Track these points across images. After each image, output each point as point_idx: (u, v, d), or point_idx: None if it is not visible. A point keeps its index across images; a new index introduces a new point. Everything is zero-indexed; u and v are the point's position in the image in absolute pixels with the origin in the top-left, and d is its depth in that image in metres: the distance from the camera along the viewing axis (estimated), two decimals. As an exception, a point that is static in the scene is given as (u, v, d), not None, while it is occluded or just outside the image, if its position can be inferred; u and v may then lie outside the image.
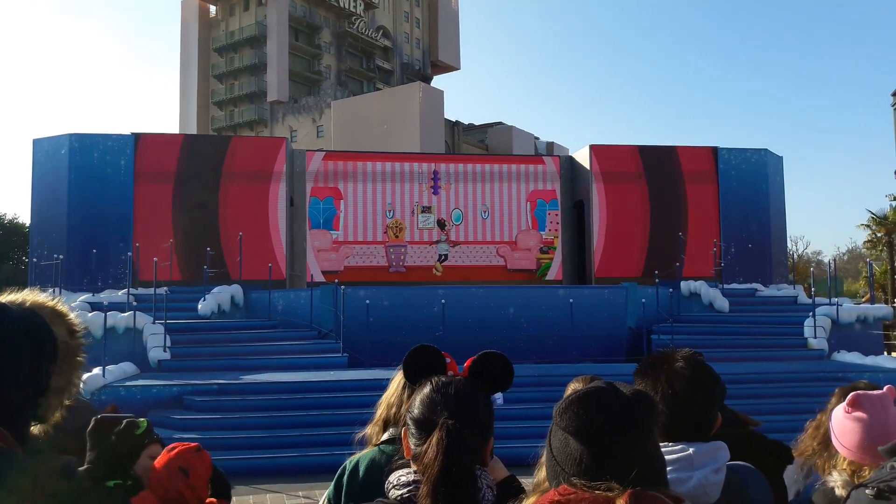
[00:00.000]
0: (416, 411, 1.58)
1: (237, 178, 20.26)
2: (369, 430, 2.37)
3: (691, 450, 1.78)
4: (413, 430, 1.57)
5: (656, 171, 21.83)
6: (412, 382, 1.70)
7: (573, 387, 2.51)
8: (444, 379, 1.61)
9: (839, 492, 2.07)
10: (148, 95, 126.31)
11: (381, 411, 2.37)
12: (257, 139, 28.08)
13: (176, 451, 2.84)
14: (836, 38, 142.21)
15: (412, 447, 1.56)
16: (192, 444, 2.91)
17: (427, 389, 1.60)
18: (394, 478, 1.53)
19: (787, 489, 2.37)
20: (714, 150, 22.25)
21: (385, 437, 2.29)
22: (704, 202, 21.87)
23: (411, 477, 1.49)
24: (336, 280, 18.15)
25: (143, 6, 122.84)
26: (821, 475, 2.28)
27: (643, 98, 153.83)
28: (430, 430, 1.50)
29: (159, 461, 2.81)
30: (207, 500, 2.89)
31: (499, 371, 1.67)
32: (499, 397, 1.67)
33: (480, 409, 1.59)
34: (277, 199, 20.40)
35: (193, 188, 19.94)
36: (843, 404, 2.17)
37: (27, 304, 1.59)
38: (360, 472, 2.22)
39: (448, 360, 1.68)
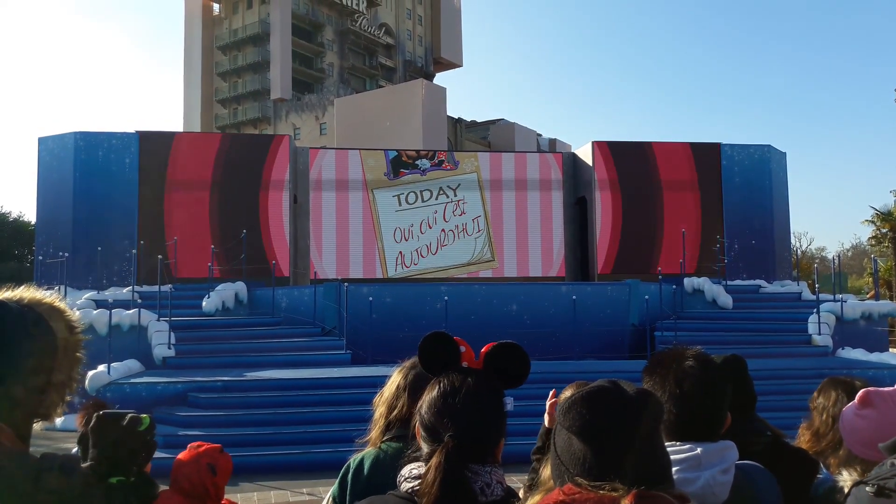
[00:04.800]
0: (425, 414, 1.56)
1: (239, 174, 20.27)
2: (375, 435, 2.36)
3: (699, 449, 1.76)
4: (423, 433, 1.56)
5: (658, 167, 21.79)
6: (429, 372, 1.66)
7: (568, 393, 2.50)
8: (454, 383, 1.56)
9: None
10: (152, 93, 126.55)
11: (380, 412, 2.36)
12: (261, 136, 27.89)
13: (203, 448, 2.86)
14: (839, 32, 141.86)
15: (423, 448, 1.56)
16: (216, 445, 2.93)
17: (436, 393, 1.56)
18: (405, 470, 1.53)
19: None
20: (717, 147, 22.22)
21: (387, 436, 2.29)
22: (705, 198, 21.87)
23: (422, 470, 1.49)
24: (341, 277, 18.19)
25: (146, 4, 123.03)
26: (830, 472, 2.26)
27: (646, 94, 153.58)
28: (437, 440, 1.50)
29: (186, 457, 2.83)
30: (224, 501, 2.90)
31: (516, 366, 1.63)
32: (509, 402, 1.64)
33: (491, 414, 1.55)
34: (281, 196, 20.37)
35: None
36: (854, 402, 2.14)
37: (25, 300, 1.58)
38: (365, 470, 2.22)
39: (463, 348, 1.63)
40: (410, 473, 1.51)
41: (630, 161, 21.68)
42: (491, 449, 1.53)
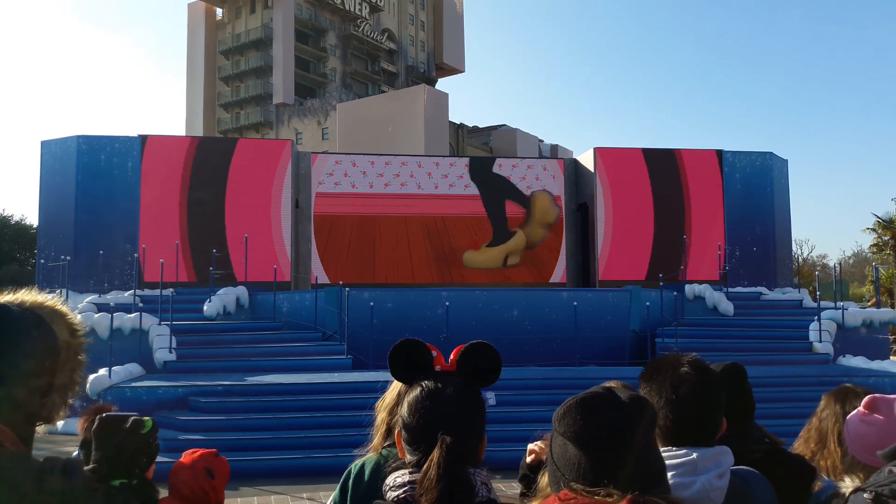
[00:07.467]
0: (408, 418, 1.55)
1: (242, 179, 20.29)
2: (377, 440, 2.36)
3: (695, 454, 1.77)
4: (406, 437, 1.55)
5: (661, 173, 21.81)
6: (401, 380, 1.66)
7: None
8: (435, 384, 1.57)
9: None
10: (155, 98, 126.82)
11: (382, 417, 2.36)
12: (262, 141, 27.79)
13: (198, 454, 2.86)
14: (841, 40, 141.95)
15: (406, 454, 1.55)
16: (211, 450, 2.94)
17: (418, 395, 1.56)
18: (390, 480, 1.52)
19: None
20: (719, 153, 22.23)
21: (388, 441, 2.30)
22: (709, 205, 21.86)
23: (406, 478, 1.49)
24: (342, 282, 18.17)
25: (149, 9, 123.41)
26: (830, 478, 2.26)
27: (648, 101, 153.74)
28: (425, 442, 1.49)
29: (182, 463, 2.83)
30: None
31: (488, 364, 1.62)
32: (491, 397, 1.64)
33: (475, 412, 1.56)
34: (280, 201, 20.38)
35: (198, 189, 19.96)
36: (859, 408, 2.15)
37: (27, 303, 1.59)
38: (366, 475, 2.23)
39: (434, 353, 1.64)
40: (395, 482, 1.50)
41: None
42: (474, 449, 1.53)
